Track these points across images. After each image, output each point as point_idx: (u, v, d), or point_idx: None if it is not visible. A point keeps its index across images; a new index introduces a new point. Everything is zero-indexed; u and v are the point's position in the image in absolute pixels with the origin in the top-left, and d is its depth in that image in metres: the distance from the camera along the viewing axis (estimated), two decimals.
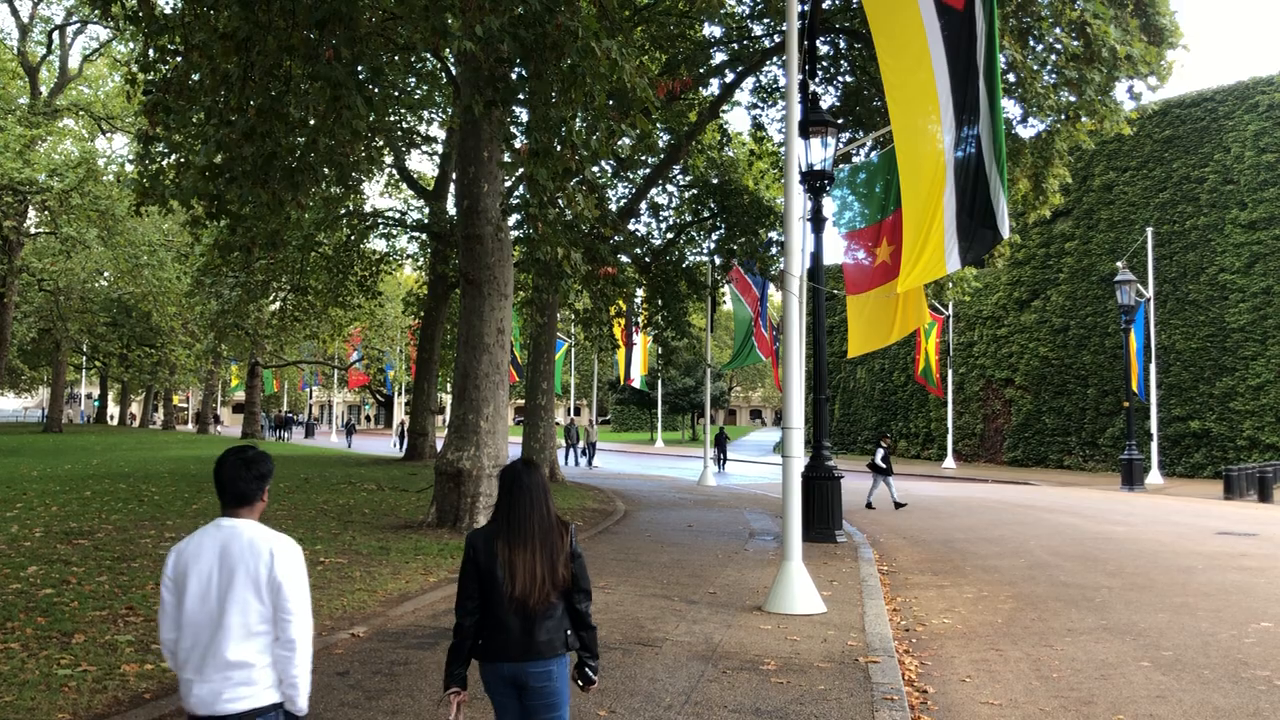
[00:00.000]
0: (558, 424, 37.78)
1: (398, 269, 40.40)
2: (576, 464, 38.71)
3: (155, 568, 10.72)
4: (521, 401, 32.57)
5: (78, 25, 43.19)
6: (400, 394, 68.30)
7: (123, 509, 16.25)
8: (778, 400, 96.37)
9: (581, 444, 40.57)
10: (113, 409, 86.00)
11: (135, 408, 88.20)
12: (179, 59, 11.75)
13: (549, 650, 3.94)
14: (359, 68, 11.33)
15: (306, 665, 3.47)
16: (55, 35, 43.59)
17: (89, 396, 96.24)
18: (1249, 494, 25.63)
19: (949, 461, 40.13)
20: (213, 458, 33.48)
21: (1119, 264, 30.86)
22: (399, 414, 73.45)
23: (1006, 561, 13.96)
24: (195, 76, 11.59)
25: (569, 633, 4.05)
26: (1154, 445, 31.16)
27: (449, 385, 42.72)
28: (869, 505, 22.31)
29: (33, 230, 42.16)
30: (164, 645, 3.52)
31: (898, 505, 22.16)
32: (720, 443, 38.06)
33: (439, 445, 23.74)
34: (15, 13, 42.32)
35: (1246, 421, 31.94)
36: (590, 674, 4.13)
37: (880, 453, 22.64)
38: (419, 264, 39.01)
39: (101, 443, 43.28)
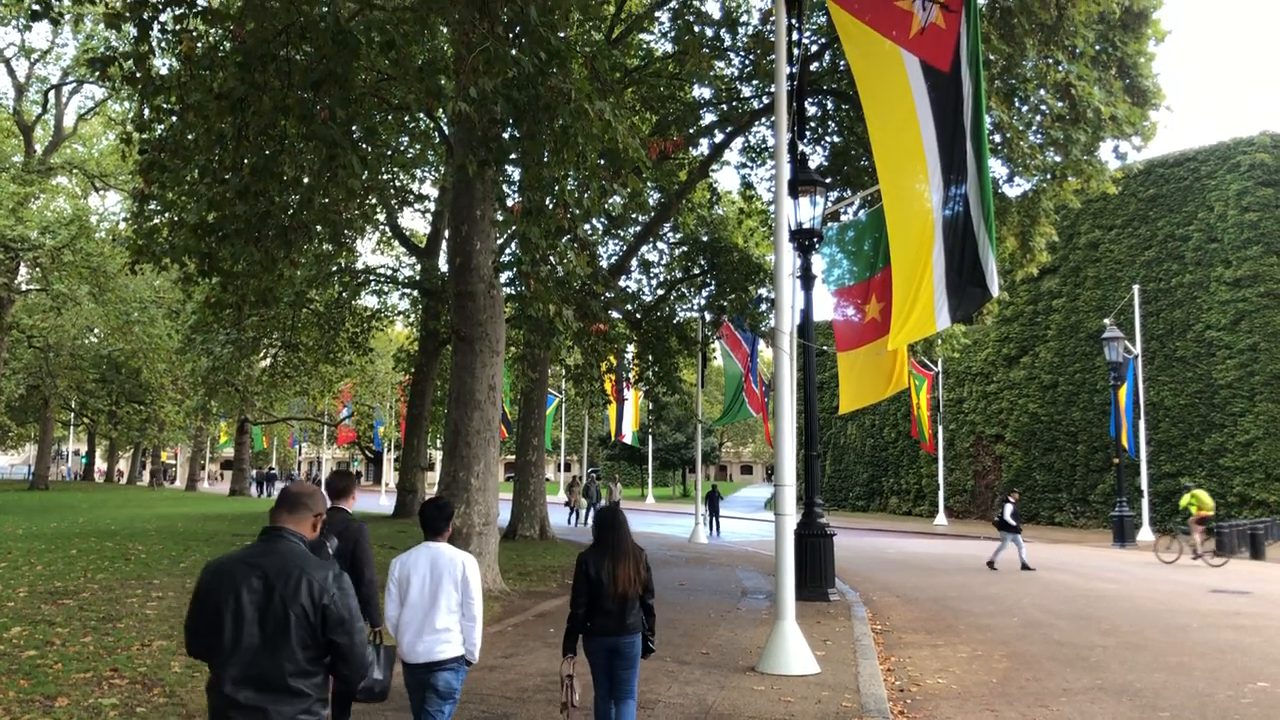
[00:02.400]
0: (578, 480, 37.35)
1: (389, 325, 40.40)
2: (587, 524, 36.13)
3: (141, 628, 10.59)
4: (512, 457, 32.44)
5: (74, 85, 43.58)
6: (390, 450, 67.96)
7: (109, 568, 16.06)
8: (769, 456, 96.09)
9: (603, 503, 35.81)
10: (101, 465, 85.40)
11: (123, 464, 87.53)
12: (174, 119, 11.86)
13: (633, 629, 6.05)
14: (354, 127, 11.44)
15: (480, 633, 5.59)
16: (51, 95, 43.94)
17: (76, 453, 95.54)
18: (1241, 551, 25.57)
19: (940, 518, 40.01)
20: (201, 515, 33.01)
21: (1106, 321, 31.07)
22: (388, 470, 72.98)
23: (1000, 620, 13.87)
24: (190, 136, 11.69)
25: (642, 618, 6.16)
26: (1145, 502, 31.13)
27: (439, 442, 42.59)
28: (990, 565, 21.17)
29: (24, 287, 42.14)
30: (388, 619, 5.59)
31: (1025, 567, 20.71)
32: (713, 502, 34.13)
33: None
34: (12, 73, 42.69)
35: (1236, 478, 31.97)
36: (650, 646, 6.24)
37: (1009, 509, 21.43)
38: (410, 320, 39.05)
39: (88, 500, 42.91)
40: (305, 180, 11.67)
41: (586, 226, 22.28)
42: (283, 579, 3.59)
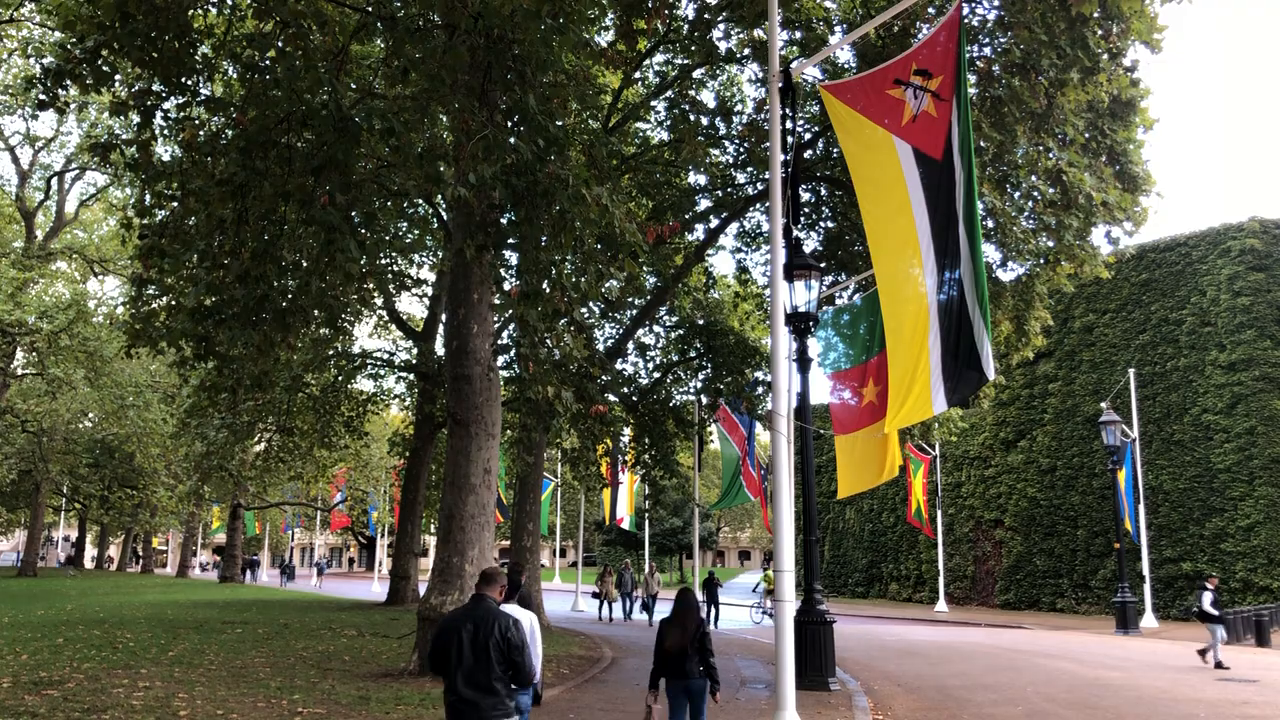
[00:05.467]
0: (610, 569, 35.90)
1: (384, 409, 40.30)
2: (628, 617, 32.84)
3: (127, 719, 10.34)
4: (507, 543, 32.06)
5: (76, 172, 44.13)
6: (383, 536, 67.31)
7: (95, 656, 15.77)
8: (767, 541, 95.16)
9: (640, 595, 33.02)
10: (91, 551, 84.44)
11: (114, 550, 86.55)
12: (175, 204, 11.98)
13: (691, 674, 8.43)
14: (353, 213, 11.54)
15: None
16: (53, 181, 44.48)
17: (66, 539, 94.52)
18: (1246, 638, 25.20)
19: (941, 605, 39.49)
20: (190, 602, 32.55)
21: (1103, 405, 31.04)
22: (381, 556, 72.14)
23: (1004, 710, 13.60)
24: (190, 221, 11.80)
25: (700, 667, 8.47)
26: (1147, 587, 30.77)
27: (433, 527, 42.16)
28: (1218, 665, 18.56)
29: (19, 371, 42.11)
30: None
31: (1219, 665, 18.52)
32: (711, 590, 30.08)
33: (422, 589, 23.28)
34: (16, 160, 43.27)
35: (1239, 563, 31.66)
36: (715, 690, 8.53)
37: (1208, 597, 19.09)
38: (406, 404, 39.01)
39: (77, 587, 42.36)
40: (304, 265, 11.74)
41: (584, 310, 22.42)
42: (485, 624, 6.21)
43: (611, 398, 26.85)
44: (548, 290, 10.67)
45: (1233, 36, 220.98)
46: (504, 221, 11.82)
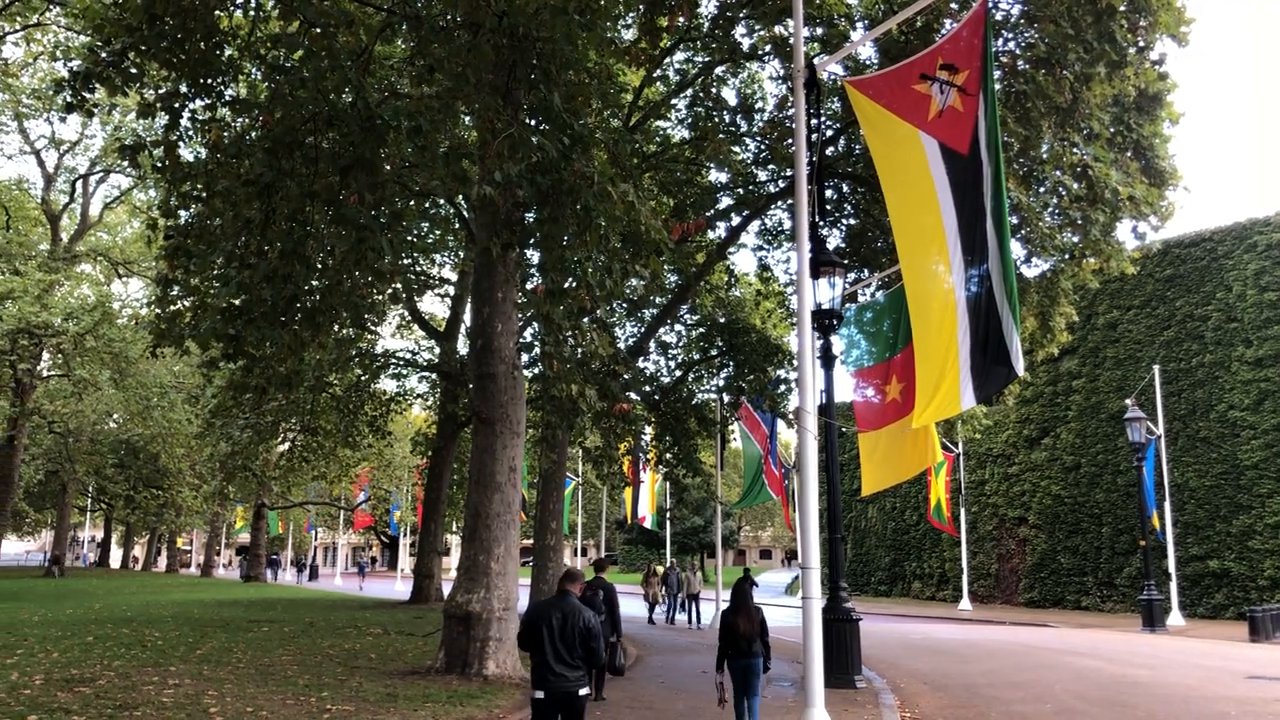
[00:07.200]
0: (657, 570, 35.18)
1: (407, 409, 40.45)
2: (672, 620, 31.94)
3: (158, 716, 10.42)
4: (529, 541, 32.04)
5: (100, 174, 44.49)
6: (405, 535, 67.56)
7: (125, 654, 15.90)
8: (788, 540, 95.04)
9: (681, 594, 32.65)
10: (116, 551, 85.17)
11: (139, 550, 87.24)
12: (200, 205, 12.05)
13: (756, 654, 9.66)
14: (381, 212, 11.58)
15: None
16: (78, 184, 44.87)
17: (92, 539, 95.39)
18: (1276, 636, 24.96)
19: (965, 603, 39.31)
20: (216, 601, 32.76)
21: (1128, 401, 30.80)
22: (404, 555, 72.43)
23: (1032, 708, 13.52)
24: (216, 221, 11.86)
25: (760, 648, 9.76)
26: (1173, 585, 30.51)
27: (455, 526, 42.30)
28: None
29: (46, 373, 42.50)
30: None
31: None
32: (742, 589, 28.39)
33: (445, 588, 23.33)
34: (41, 164, 43.65)
35: (1267, 561, 31.36)
36: (767, 666, 9.82)
37: None
38: (429, 404, 39.11)
39: (104, 586, 42.70)
40: (331, 264, 11.79)
41: (607, 308, 22.42)
42: (571, 615, 7.46)
43: (634, 396, 26.84)
44: (572, 288, 10.68)
45: (1260, 29, 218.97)
46: (529, 219, 11.83)
